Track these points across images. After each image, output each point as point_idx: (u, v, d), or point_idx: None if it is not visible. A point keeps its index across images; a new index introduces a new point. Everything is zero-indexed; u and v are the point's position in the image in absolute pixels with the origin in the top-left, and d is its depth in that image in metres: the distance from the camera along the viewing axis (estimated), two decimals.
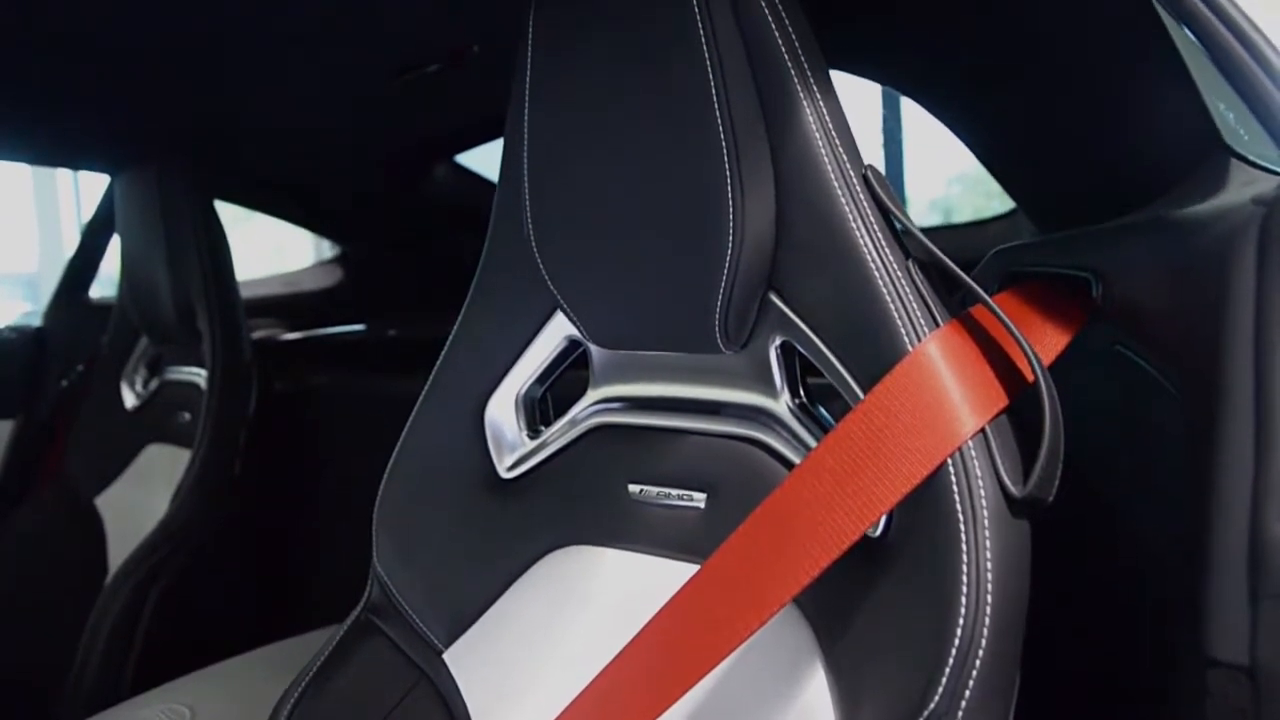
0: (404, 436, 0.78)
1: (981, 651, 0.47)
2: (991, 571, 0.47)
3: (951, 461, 0.49)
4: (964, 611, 0.47)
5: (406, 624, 0.76)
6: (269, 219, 1.93)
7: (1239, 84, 0.54)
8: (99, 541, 1.61)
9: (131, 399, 1.70)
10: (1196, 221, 0.51)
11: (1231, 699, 0.41)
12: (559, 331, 0.72)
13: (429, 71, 1.19)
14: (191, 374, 1.58)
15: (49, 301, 1.86)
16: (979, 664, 0.47)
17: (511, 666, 0.70)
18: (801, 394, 0.61)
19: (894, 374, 0.51)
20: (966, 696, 0.47)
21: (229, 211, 1.70)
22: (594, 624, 0.66)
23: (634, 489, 0.67)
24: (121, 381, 1.72)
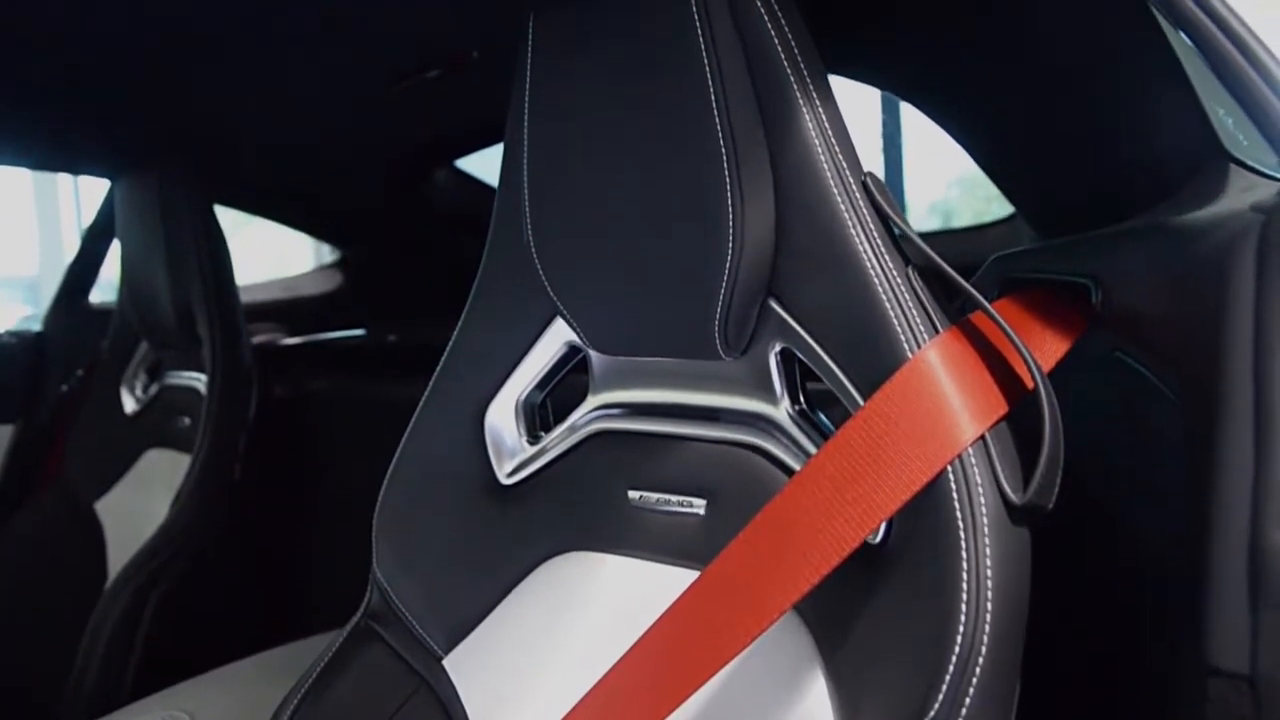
0: (404, 442, 0.78)
1: (981, 659, 0.47)
2: (992, 579, 0.47)
3: (951, 469, 0.49)
4: (964, 618, 0.47)
5: (406, 630, 0.76)
6: (269, 223, 1.93)
7: (1236, 90, 0.54)
8: (99, 546, 1.61)
9: (131, 404, 1.70)
10: (1196, 228, 0.51)
11: (1232, 707, 0.41)
12: (559, 337, 0.72)
13: (429, 77, 1.19)
14: (191, 379, 1.58)
15: (49, 306, 1.86)
16: (979, 671, 0.47)
17: (511, 673, 0.70)
18: (801, 400, 0.61)
19: (894, 381, 0.51)
20: (966, 704, 0.46)
21: (229, 216, 1.70)
22: (594, 630, 0.66)
23: (634, 495, 0.67)
24: (121, 386, 1.72)
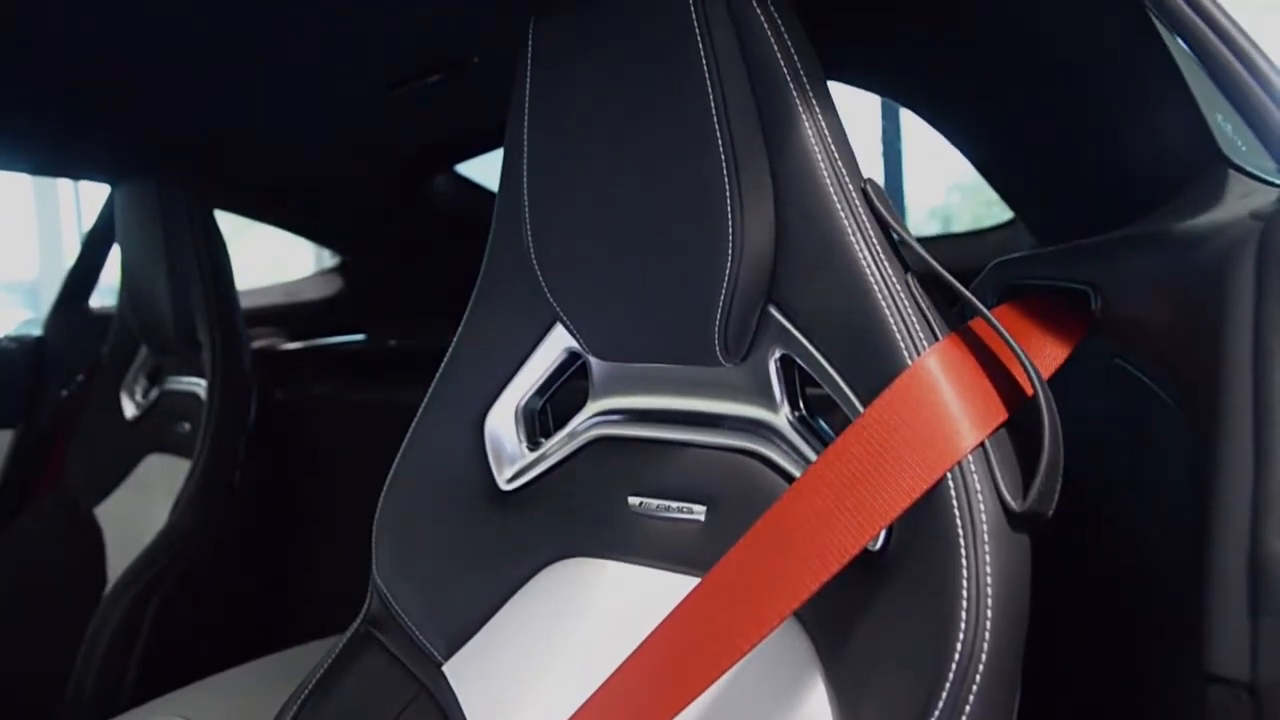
0: (404, 447, 0.78)
1: (981, 666, 0.46)
2: (991, 586, 0.47)
3: (951, 476, 0.49)
4: (964, 626, 0.47)
5: (406, 636, 0.76)
6: (269, 228, 1.93)
7: (1233, 96, 0.54)
8: (98, 551, 1.61)
9: (131, 409, 1.70)
10: (1195, 235, 0.51)
11: (1233, 714, 0.41)
12: (559, 343, 0.72)
13: (429, 82, 1.19)
14: (191, 384, 1.58)
15: (49, 311, 1.86)
16: (979, 679, 0.46)
17: (511, 679, 0.70)
18: (801, 407, 0.61)
19: (893, 388, 0.51)
20: (966, 711, 0.46)
21: (229, 221, 1.70)
22: (594, 636, 0.66)
23: (634, 501, 0.67)
24: (121, 391, 1.72)
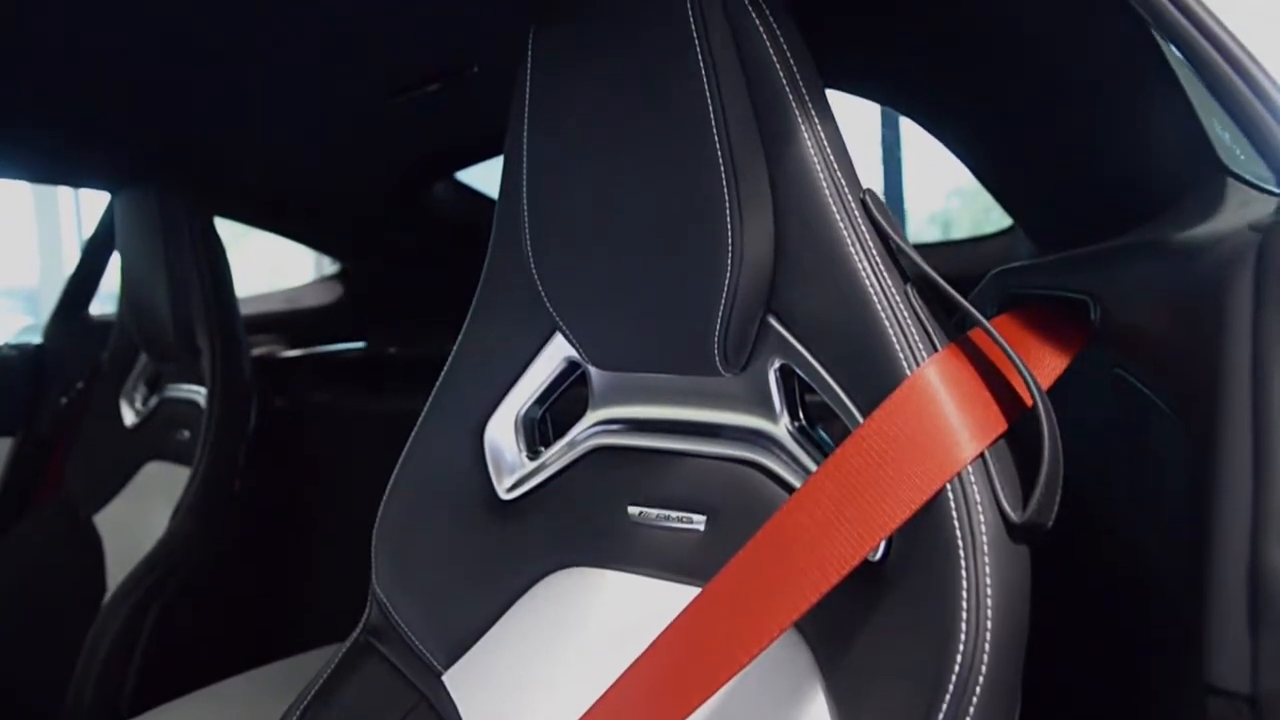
0: (404, 456, 0.78)
1: (981, 678, 0.46)
2: (991, 598, 0.47)
3: (950, 487, 0.49)
4: (964, 638, 0.47)
5: (405, 645, 0.76)
6: (269, 235, 1.93)
7: (1228, 105, 0.54)
8: (97, 559, 1.60)
9: (131, 416, 1.70)
10: (1194, 246, 0.51)
11: None
12: (558, 353, 0.72)
13: (429, 90, 1.19)
14: (191, 391, 1.58)
15: (49, 318, 1.86)
16: (979, 690, 0.46)
17: (511, 689, 0.69)
18: (801, 417, 0.61)
19: (893, 399, 0.51)
20: None
21: (229, 228, 1.70)
22: (593, 646, 0.66)
23: (634, 511, 0.67)
24: (121, 399, 1.72)
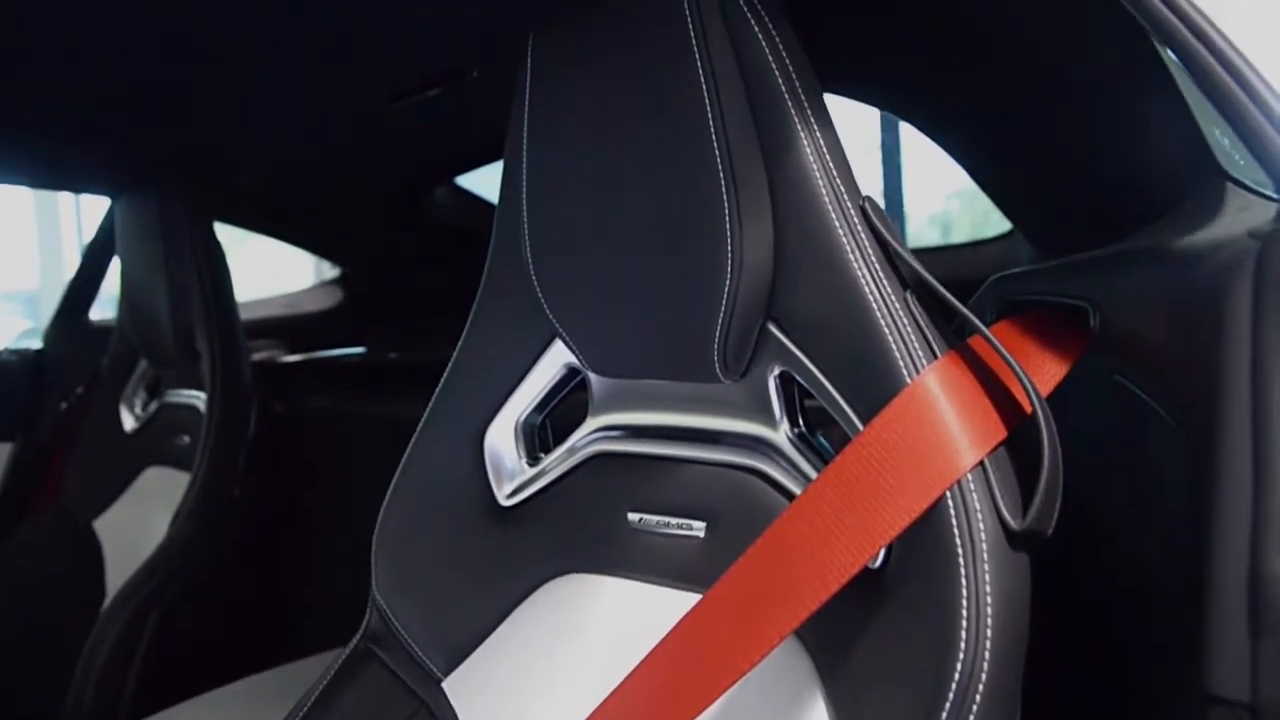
0: (404, 462, 0.78)
1: (981, 685, 0.46)
2: (991, 606, 0.47)
3: (950, 495, 0.49)
4: (964, 646, 0.47)
5: (405, 652, 0.76)
6: (268, 239, 1.93)
7: (1226, 111, 0.54)
8: (97, 564, 1.60)
9: (131, 421, 1.70)
10: (1193, 253, 0.51)
11: None
12: (558, 359, 0.72)
13: (429, 95, 1.19)
14: (191, 397, 1.58)
15: (49, 323, 1.86)
16: (979, 698, 0.46)
17: (511, 696, 0.69)
18: (801, 424, 0.61)
19: (892, 406, 0.51)
20: None
21: (228, 232, 1.70)
22: (593, 653, 0.66)
23: (633, 517, 0.67)
24: (120, 404, 1.71)
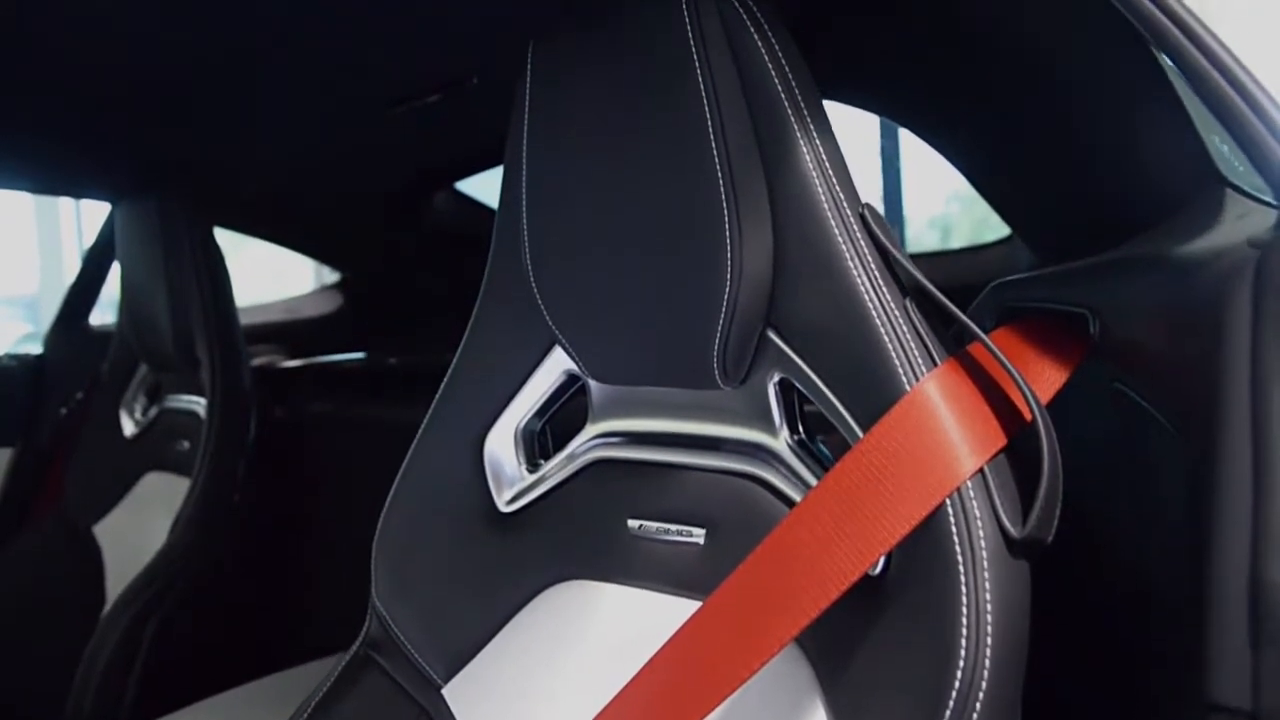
0: (404, 468, 0.78)
1: (982, 694, 0.46)
2: (991, 614, 0.47)
3: (950, 502, 0.49)
4: (964, 654, 0.47)
5: (405, 658, 0.76)
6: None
7: (1225, 120, 0.54)
8: (97, 570, 1.60)
9: (130, 427, 1.70)
10: (1193, 261, 0.51)
11: None
12: (558, 365, 0.72)
13: (429, 101, 1.19)
14: (191, 402, 1.58)
15: (49, 328, 1.86)
16: (979, 706, 0.46)
17: (511, 702, 0.69)
18: (800, 431, 0.61)
19: (892, 414, 0.51)
20: None
21: (228, 236, 1.70)
22: (593, 660, 0.66)
23: (633, 524, 0.67)
24: (120, 409, 1.72)
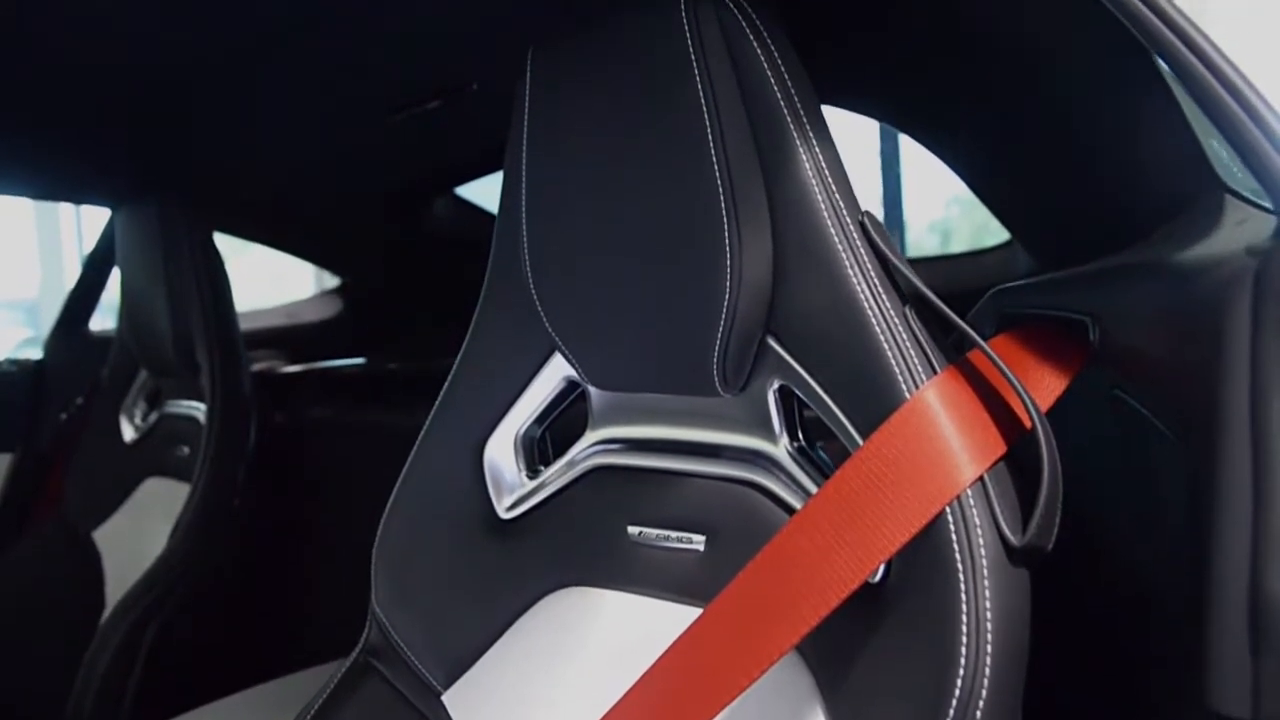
0: (404, 474, 0.78)
1: (982, 701, 0.46)
2: (991, 622, 0.47)
3: (950, 510, 0.49)
4: (964, 661, 0.47)
5: (405, 665, 0.76)
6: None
7: (1223, 126, 0.54)
8: (96, 575, 1.60)
9: (130, 432, 1.70)
10: (1192, 268, 0.51)
11: None
12: (558, 372, 0.72)
13: (429, 107, 1.20)
14: (190, 407, 1.58)
15: (49, 334, 1.86)
16: (980, 713, 0.46)
17: (511, 709, 0.69)
18: (800, 438, 0.61)
19: (892, 421, 0.51)
20: None
21: (227, 240, 1.70)
22: (594, 666, 0.66)
23: (633, 531, 0.67)
24: (120, 414, 1.71)
